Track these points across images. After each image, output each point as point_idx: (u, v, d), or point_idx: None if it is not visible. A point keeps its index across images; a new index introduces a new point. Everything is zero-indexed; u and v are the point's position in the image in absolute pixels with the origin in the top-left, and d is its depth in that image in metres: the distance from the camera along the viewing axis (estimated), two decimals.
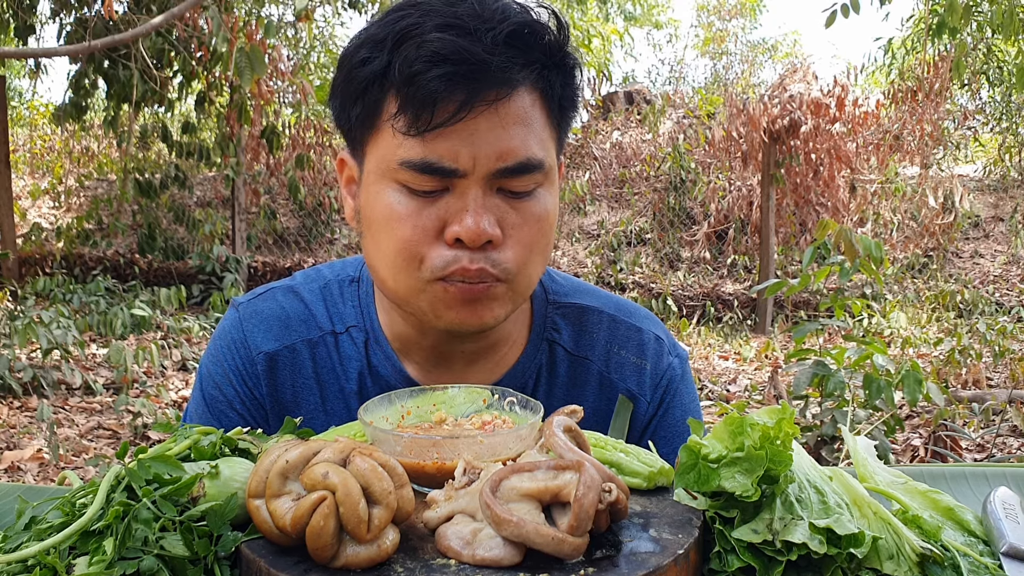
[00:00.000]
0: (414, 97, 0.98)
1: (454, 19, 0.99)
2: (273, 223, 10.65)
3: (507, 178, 1.03)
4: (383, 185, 1.05)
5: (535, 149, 1.04)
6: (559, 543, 0.70)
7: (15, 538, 0.79)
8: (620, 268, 10.22)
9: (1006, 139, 11.85)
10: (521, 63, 1.01)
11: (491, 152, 1.00)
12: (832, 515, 0.78)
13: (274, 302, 1.25)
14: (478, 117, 0.99)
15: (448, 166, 1.00)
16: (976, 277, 10.14)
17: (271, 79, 8.83)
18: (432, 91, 0.97)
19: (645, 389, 1.27)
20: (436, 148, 1.00)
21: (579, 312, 1.27)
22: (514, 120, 1.02)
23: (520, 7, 1.04)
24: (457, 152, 1.00)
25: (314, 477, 0.72)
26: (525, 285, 1.10)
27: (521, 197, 1.05)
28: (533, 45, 1.02)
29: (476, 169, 1.01)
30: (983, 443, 4.45)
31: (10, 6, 8.18)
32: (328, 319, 1.23)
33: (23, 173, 12.03)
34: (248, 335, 1.23)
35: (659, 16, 18.71)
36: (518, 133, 1.02)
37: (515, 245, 1.05)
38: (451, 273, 1.04)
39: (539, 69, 1.04)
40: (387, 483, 0.73)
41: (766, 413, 0.82)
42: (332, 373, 1.22)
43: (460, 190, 1.02)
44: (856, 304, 3.98)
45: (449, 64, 0.97)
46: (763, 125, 9.10)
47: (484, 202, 1.02)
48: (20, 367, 5.48)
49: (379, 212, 1.06)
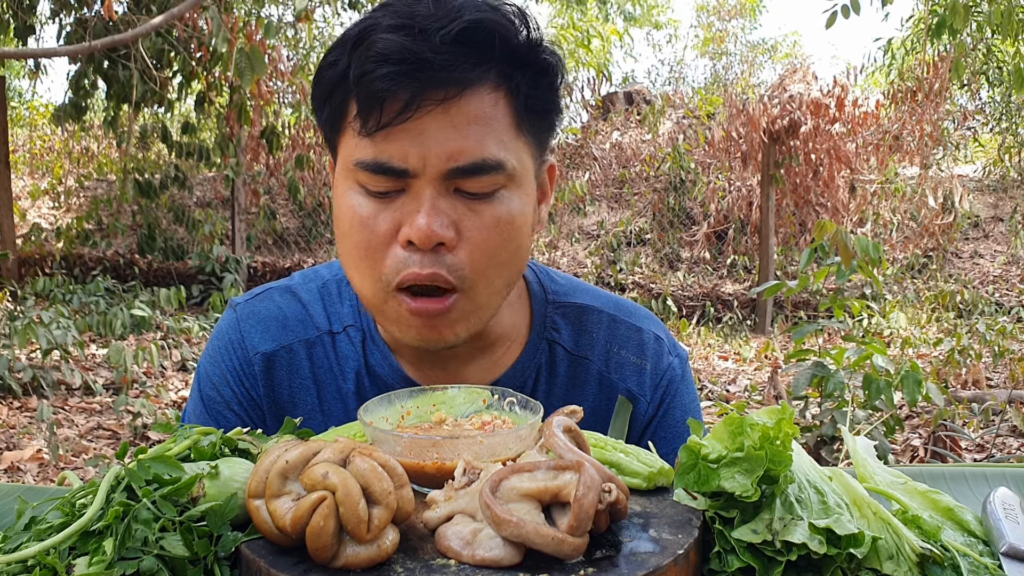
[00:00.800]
0: (364, 97, 0.99)
1: (408, 19, 0.99)
2: (273, 223, 10.65)
3: (462, 178, 1.01)
4: (346, 187, 1.06)
5: (493, 149, 1.01)
6: (559, 543, 0.70)
7: (15, 538, 0.79)
8: (620, 268, 10.22)
9: (1006, 139, 11.86)
10: (473, 62, 1.00)
11: (441, 152, 0.99)
12: (832, 515, 0.78)
13: (271, 303, 1.25)
14: (426, 117, 0.99)
15: (398, 166, 1.00)
16: (976, 277, 10.14)
17: (271, 79, 8.84)
18: (378, 90, 0.98)
19: (645, 389, 1.26)
20: (386, 148, 1.00)
21: (579, 311, 1.27)
22: (468, 120, 1.00)
23: (483, 5, 1.02)
24: (406, 152, 0.99)
25: (314, 477, 0.72)
26: (486, 295, 1.07)
27: (480, 198, 1.03)
28: (489, 43, 1.00)
29: (427, 169, 1.00)
30: (983, 443, 4.45)
31: (10, 6, 8.18)
32: (326, 319, 1.23)
33: (23, 173, 12.03)
34: (245, 336, 1.22)
35: (659, 16, 18.73)
36: (473, 133, 1.00)
37: (471, 249, 1.03)
38: (404, 279, 1.03)
39: (499, 68, 1.02)
40: (387, 483, 0.73)
41: (766, 413, 0.82)
42: (329, 373, 1.22)
43: (414, 191, 1.01)
44: (855, 304, 3.99)
45: (392, 64, 0.97)
46: (763, 125, 9.11)
47: (437, 203, 1.01)
48: (20, 367, 5.48)
49: (343, 214, 1.06)
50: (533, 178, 1.10)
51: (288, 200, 10.77)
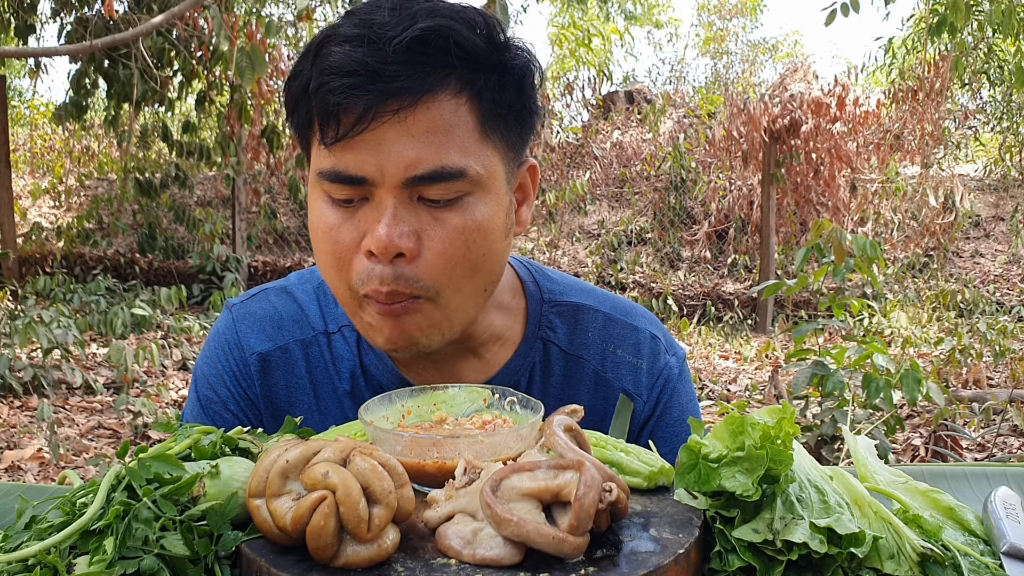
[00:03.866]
0: (321, 110, 0.99)
1: (364, 28, 0.98)
2: (273, 223, 10.65)
3: (422, 186, 1.00)
4: (315, 196, 1.06)
5: (453, 157, 1.00)
6: (559, 543, 0.70)
7: (15, 537, 0.79)
8: (620, 268, 10.22)
9: (1006, 139, 11.85)
10: (429, 69, 0.98)
11: (399, 161, 0.98)
12: (833, 515, 0.78)
13: (267, 303, 1.25)
14: (383, 127, 0.98)
15: (355, 174, 1.00)
16: (976, 277, 10.14)
17: (271, 78, 8.83)
18: (332, 103, 0.97)
19: (642, 389, 1.26)
20: (343, 158, 1.00)
21: (574, 310, 1.26)
22: (426, 128, 0.99)
23: (440, 10, 1.00)
24: (363, 161, 0.99)
25: (314, 477, 0.72)
26: (456, 301, 1.06)
27: (443, 206, 1.01)
28: (445, 50, 0.98)
29: (386, 179, 0.99)
30: (983, 443, 4.45)
31: (10, 6, 8.18)
32: (321, 319, 1.23)
33: (23, 172, 12.03)
34: (241, 336, 1.23)
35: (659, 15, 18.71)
36: (432, 141, 0.99)
37: (433, 258, 1.02)
38: (368, 293, 1.03)
39: (459, 74, 1.00)
40: (387, 483, 0.73)
41: (766, 413, 0.82)
42: (325, 373, 1.22)
43: (376, 200, 1.01)
44: (856, 304, 3.98)
45: (344, 76, 0.97)
46: (763, 124, 9.10)
47: (398, 212, 1.00)
48: (20, 366, 5.48)
49: (313, 222, 1.07)
50: (504, 182, 1.07)
51: (289, 199, 10.76)
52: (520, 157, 1.11)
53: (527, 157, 1.14)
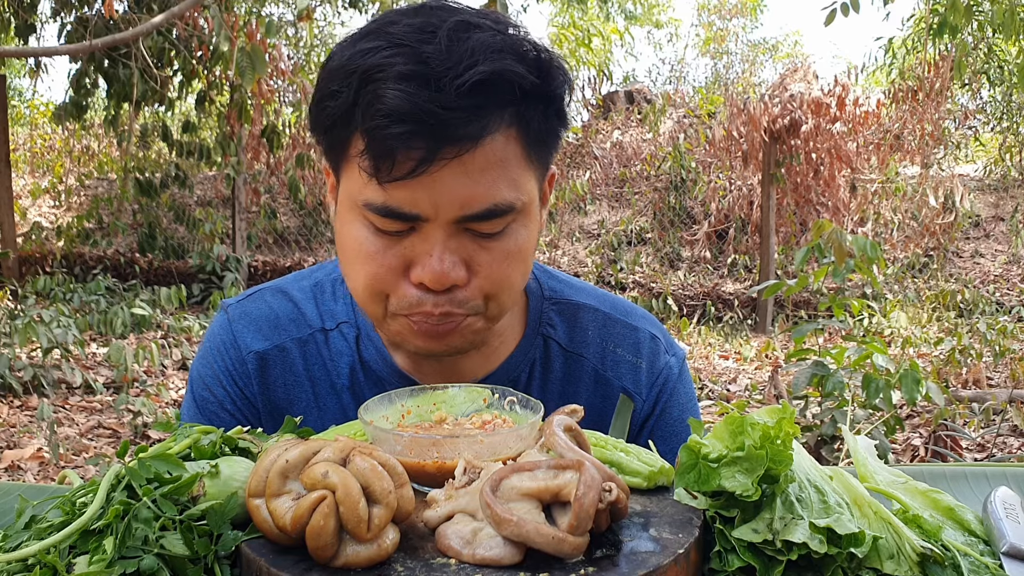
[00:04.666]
0: (375, 149, 0.96)
1: (418, 63, 0.93)
2: (273, 222, 10.65)
3: (473, 223, 1.00)
4: (353, 216, 1.04)
5: (504, 193, 1.00)
6: (559, 542, 0.70)
7: (15, 537, 0.79)
8: (620, 268, 10.22)
9: (1007, 139, 11.85)
10: (488, 111, 0.96)
11: (454, 200, 0.97)
12: (832, 515, 0.78)
13: (263, 303, 1.25)
14: (442, 170, 0.95)
15: (408, 212, 0.98)
16: (976, 277, 10.14)
17: (272, 78, 8.84)
18: (391, 147, 0.94)
19: (641, 388, 1.26)
20: (395, 195, 0.97)
21: (574, 309, 1.27)
22: (482, 167, 0.97)
23: (497, 42, 0.96)
24: (417, 200, 0.97)
25: (314, 476, 0.72)
26: (498, 310, 1.08)
27: (490, 237, 1.02)
28: (504, 91, 0.96)
29: (439, 215, 0.98)
30: (983, 443, 4.45)
31: (10, 5, 8.18)
32: (318, 317, 1.24)
33: (23, 172, 12.03)
34: (238, 336, 1.23)
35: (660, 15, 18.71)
36: (485, 180, 0.98)
37: (482, 283, 1.03)
38: (415, 315, 1.03)
39: (512, 110, 0.99)
40: (387, 482, 0.73)
41: (766, 413, 0.82)
42: (323, 369, 1.22)
43: (424, 232, 1.00)
44: (856, 304, 3.98)
45: (407, 123, 0.93)
46: (763, 124, 9.10)
47: (448, 244, 1.00)
48: (20, 366, 5.48)
49: (349, 244, 1.05)
50: (538, 200, 1.09)
51: (289, 199, 10.76)
52: (548, 170, 1.12)
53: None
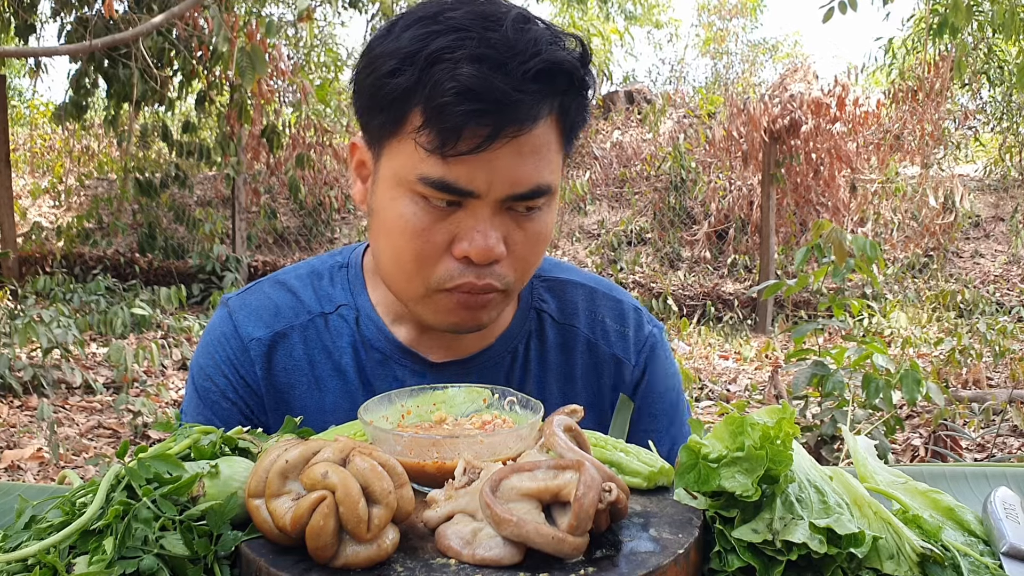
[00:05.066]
0: (441, 125, 1.01)
1: (487, 48, 1.00)
2: (273, 222, 10.65)
3: (515, 201, 1.07)
4: (399, 192, 1.08)
5: (546, 175, 1.08)
6: (559, 543, 0.70)
7: (15, 537, 0.79)
8: (620, 268, 10.22)
9: (1006, 139, 11.85)
10: (545, 97, 1.04)
11: (506, 179, 1.04)
12: (832, 515, 0.78)
13: (261, 294, 1.28)
14: (500, 148, 1.03)
15: (464, 187, 1.04)
16: (976, 277, 10.14)
17: (272, 78, 8.83)
18: (459, 123, 1.00)
19: (630, 354, 1.33)
20: (455, 171, 1.03)
21: (562, 284, 1.34)
22: (532, 149, 1.05)
23: (549, 35, 1.05)
24: (474, 176, 1.03)
25: (314, 477, 0.72)
26: (518, 291, 1.17)
27: (526, 217, 1.10)
28: (562, 80, 1.05)
29: (490, 193, 1.05)
30: (983, 443, 4.45)
31: (10, 5, 8.18)
32: (317, 302, 1.27)
33: (23, 172, 12.03)
34: (239, 326, 1.25)
35: (659, 15, 18.70)
36: (532, 161, 1.05)
37: (517, 260, 1.11)
38: (460, 287, 1.09)
39: (559, 100, 1.07)
40: (387, 483, 0.73)
41: (766, 413, 0.83)
42: (324, 352, 1.25)
43: (472, 209, 1.06)
44: (856, 304, 3.98)
45: (479, 101, 0.99)
46: (763, 125, 9.10)
47: (493, 221, 1.07)
48: (20, 366, 5.48)
49: (393, 219, 1.10)
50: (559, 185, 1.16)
51: (289, 199, 10.76)
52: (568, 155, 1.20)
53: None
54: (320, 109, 10.64)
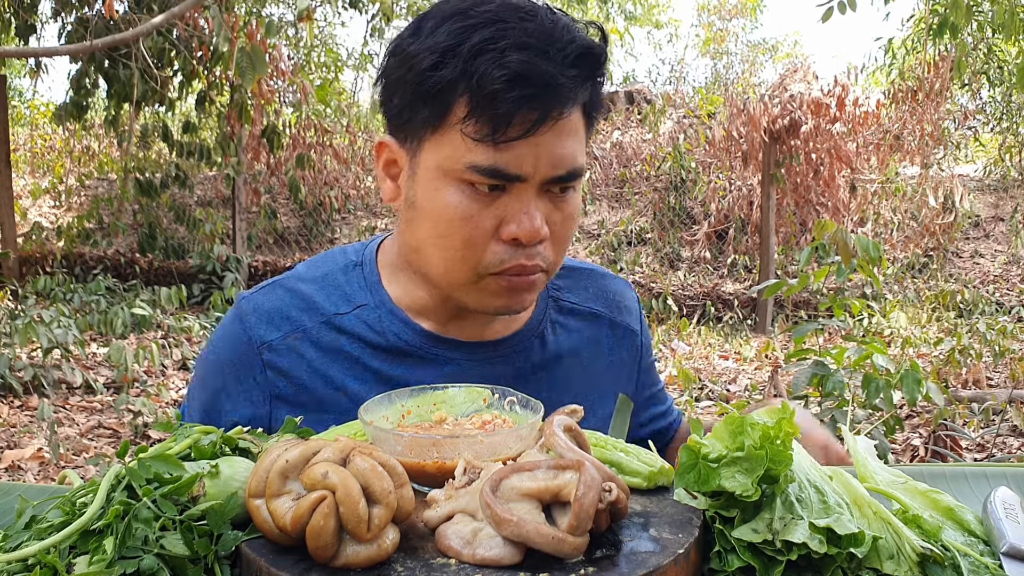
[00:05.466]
0: (491, 112, 1.05)
1: (528, 37, 1.05)
2: (274, 222, 10.65)
3: (555, 183, 1.12)
4: (445, 183, 1.11)
5: (580, 157, 1.13)
6: (559, 543, 0.70)
7: (15, 537, 0.79)
8: (620, 268, 10.22)
9: (1006, 139, 11.85)
10: (582, 79, 1.10)
11: (549, 161, 1.09)
12: (832, 515, 0.78)
13: (275, 296, 1.27)
14: (545, 132, 1.07)
15: (514, 172, 1.08)
16: (976, 277, 10.13)
17: (272, 79, 8.83)
18: (510, 110, 1.04)
19: (636, 322, 1.43)
20: (504, 156, 1.07)
21: (568, 271, 1.39)
22: (569, 132, 1.10)
23: (574, 23, 1.12)
24: (522, 161, 1.08)
25: (314, 476, 0.72)
26: (554, 272, 1.21)
27: (562, 198, 1.14)
28: (595, 63, 1.11)
29: (535, 176, 1.09)
30: (983, 443, 4.45)
31: (11, 5, 8.18)
32: (331, 304, 1.26)
33: (24, 172, 12.03)
34: (250, 328, 1.24)
35: (659, 16, 18.71)
36: (569, 143, 1.11)
37: (556, 240, 1.15)
38: (510, 269, 1.12)
39: (591, 82, 1.13)
40: (387, 483, 0.73)
41: (766, 413, 0.83)
42: (339, 353, 1.23)
43: (517, 192, 1.10)
44: (856, 304, 3.98)
45: (529, 86, 1.04)
46: (763, 125, 9.10)
47: (537, 204, 1.11)
48: (21, 366, 5.48)
49: (439, 209, 1.12)
50: None
51: (289, 199, 10.76)
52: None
53: None
54: (320, 109, 10.65)
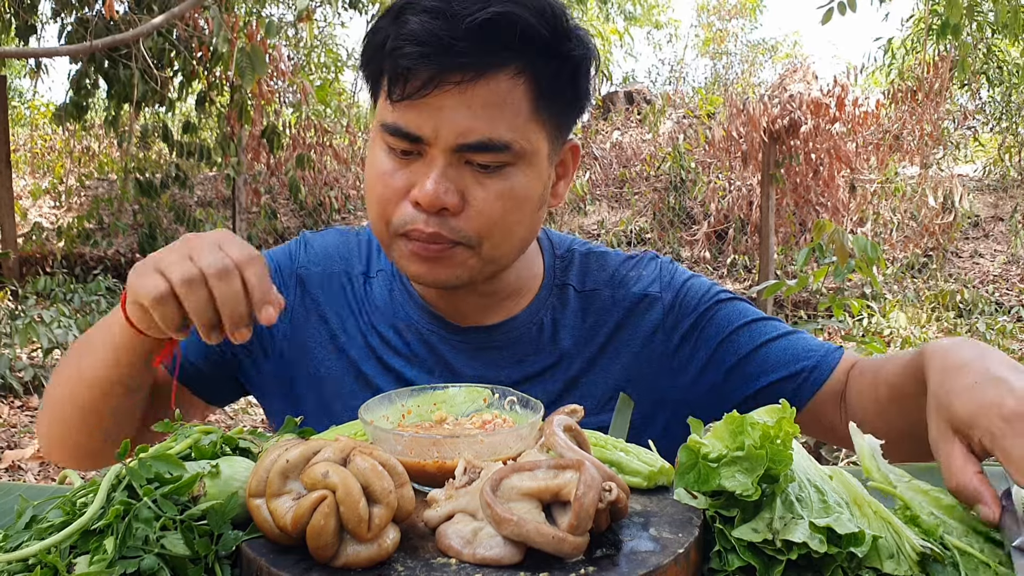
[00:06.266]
0: (391, 70, 1.10)
1: (442, 2, 1.07)
2: (274, 223, 10.65)
3: (470, 153, 1.10)
4: (375, 142, 1.18)
5: (501, 131, 1.10)
6: (559, 542, 0.70)
7: (15, 537, 0.79)
8: None
9: (1006, 139, 11.85)
10: (493, 50, 1.08)
11: (453, 128, 1.09)
12: (832, 514, 0.78)
13: (328, 238, 1.40)
14: (444, 95, 1.08)
15: (412, 132, 1.10)
16: (976, 277, 10.13)
17: (272, 79, 8.83)
18: (403, 67, 1.08)
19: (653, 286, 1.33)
20: (405, 116, 1.10)
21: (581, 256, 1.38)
22: (483, 102, 1.08)
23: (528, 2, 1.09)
24: (422, 122, 1.09)
25: (314, 476, 0.72)
26: (494, 253, 1.17)
27: (488, 172, 1.12)
28: (510, 34, 1.08)
29: (439, 141, 1.10)
30: None
31: (11, 6, 8.18)
32: (365, 263, 1.36)
33: (24, 173, 12.03)
34: (297, 253, 1.37)
35: (659, 16, 18.71)
36: (484, 115, 1.09)
37: (476, 215, 1.13)
38: (409, 232, 1.14)
39: (520, 57, 1.10)
40: (387, 482, 0.73)
41: (766, 412, 0.83)
42: (359, 307, 1.32)
43: (428, 158, 1.11)
44: (855, 304, 3.98)
45: (417, 44, 1.06)
46: (763, 125, 9.10)
47: (447, 171, 1.11)
48: (21, 366, 5.48)
49: (368, 165, 1.20)
50: (546, 157, 1.18)
51: (289, 200, 10.77)
52: (565, 137, 1.22)
53: (570, 137, 1.24)
54: (320, 109, 10.65)
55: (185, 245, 1.05)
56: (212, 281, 0.98)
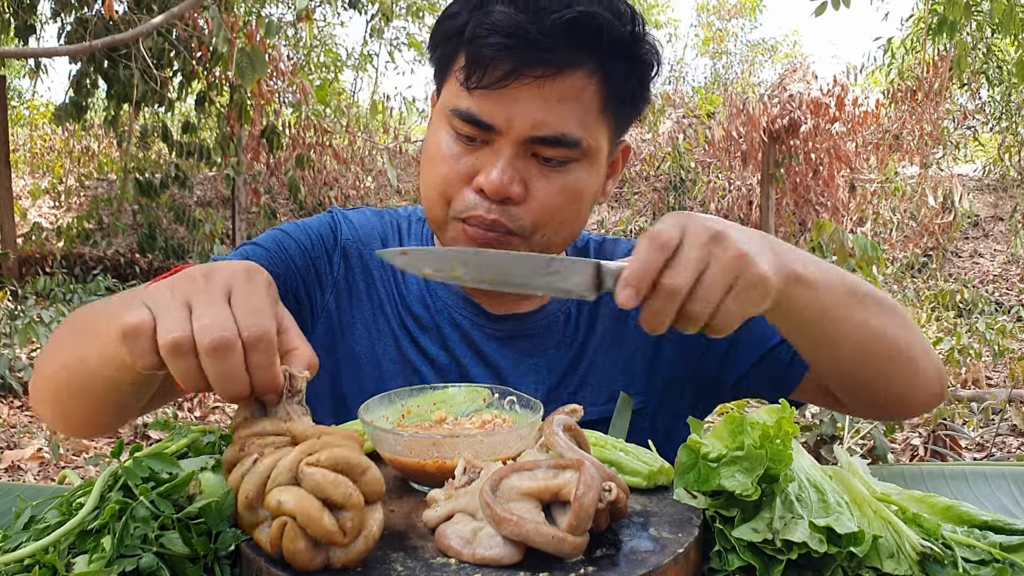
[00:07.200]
0: (471, 58, 1.10)
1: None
2: (273, 223, 10.64)
3: (539, 146, 1.12)
4: (440, 125, 1.18)
5: (572, 127, 1.12)
6: (559, 542, 0.70)
7: (15, 537, 0.79)
8: None
9: (1005, 139, 11.86)
10: (574, 48, 1.10)
11: (526, 120, 1.10)
12: (832, 514, 0.78)
13: (363, 216, 1.39)
14: (522, 87, 1.09)
15: (485, 121, 1.11)
16: (976, 276, 10.14)
17: (271, 79, 8.83)
18: (484, 56, 1.09)
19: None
20: (480, 104, 1.11)
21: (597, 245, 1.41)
22: (558, 97, 1.11)
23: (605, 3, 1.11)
24: (496, 112, 1.11)
25: (271, 506, 0.71)
26: (543, 242, 1.19)
27: (553, 165, 1.14)
28: (593, 35, 1.10)
29: (511, 131, 1.11)
30: (983, 442, 4.45)
31: (10, 6, 8.18)
32: (398, 245, 1.36)
33: (23, 173, 12.03)
34: (339, 225, 1.35)
35: (659, 16, 18.72)
36: (558, 109, 1.11)
37: (536, 207, 1.15)
38: (469, 218, 1.14)
39: (597, 57, 1.12)
40: (344, 486, 0.71)
41: (766, 412, 0.83)
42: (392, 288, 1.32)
43: (496, 147, 1.13)
44: None
45: (502, 35, 1.08)
46: (763, 125, 9.10)
47: (513, 162, 1.12)
48: (21, 366, 5.48)
49: (431, 148, 1.20)
50: (606, 156, 1.21)
51: (289, 199, 10.76)
52: (620, 136, 1.24)
53: (623, 137, 1.27)
54: (320, 109, 10.65)
55: (186, 286, 0.81)
56: (203, 355, 0.77)
